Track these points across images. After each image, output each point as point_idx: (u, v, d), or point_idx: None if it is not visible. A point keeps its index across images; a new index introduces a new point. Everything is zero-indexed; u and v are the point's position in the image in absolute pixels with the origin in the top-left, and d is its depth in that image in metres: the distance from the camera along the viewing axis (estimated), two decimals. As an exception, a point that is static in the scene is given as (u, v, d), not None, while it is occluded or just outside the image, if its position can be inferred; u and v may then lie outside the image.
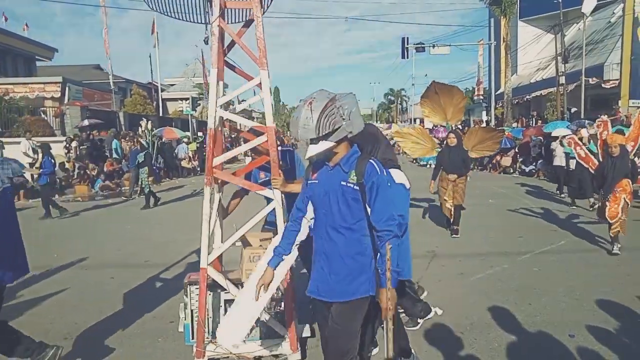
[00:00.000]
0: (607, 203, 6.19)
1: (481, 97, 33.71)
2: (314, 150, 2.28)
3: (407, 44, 30.07)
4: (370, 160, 2.36)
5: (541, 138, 16.36)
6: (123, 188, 14.89)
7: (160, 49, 29.98)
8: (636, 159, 7.47)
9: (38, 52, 27.32)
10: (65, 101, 20.18)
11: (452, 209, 7.43)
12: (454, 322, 4.13)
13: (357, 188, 2.33)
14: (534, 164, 16.37)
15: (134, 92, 31.61)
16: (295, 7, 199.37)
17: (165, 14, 3.63)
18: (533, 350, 3.63)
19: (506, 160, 17.67)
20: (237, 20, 3.85)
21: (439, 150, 7.79)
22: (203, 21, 3.70)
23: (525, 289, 4.94)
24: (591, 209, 9.01)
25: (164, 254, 6.72)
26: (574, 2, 20.51)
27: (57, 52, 28.80)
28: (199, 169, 21.55)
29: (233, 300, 3.12)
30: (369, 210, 2.33)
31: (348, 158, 2.37)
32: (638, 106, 16.92)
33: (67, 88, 20.78)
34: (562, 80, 21.65)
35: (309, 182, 2.51)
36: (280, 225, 3.26)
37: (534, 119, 24.14)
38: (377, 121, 63.07)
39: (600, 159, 6.58)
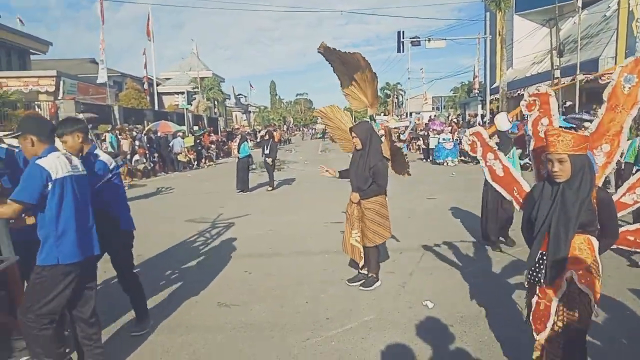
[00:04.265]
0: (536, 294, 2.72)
1: (477, 91, 33.74)
2: None
3: (403, 38, 30.13)
4: None
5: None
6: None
7: (155, 42, 29.85)
8: (614, 188, 3.78)
9: (32, 45, 27.07)
10: (60, 95, 20.07)
11: (360, 249, 4.77)
12: (444, 315, 4.18)
13: None
14: (529, 157, 16.43)
15: (128, 86, 31.46)
16: (292, 1, 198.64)
17: None
18: (522, 343, 3.66)
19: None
20: None
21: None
22: None
23: (515, 282, 4.99)
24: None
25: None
26: (569, -4, 20.55)
27: (51, 45, 28.53)
28: (195, 162, 21.54)
29: None
30: None
31: None
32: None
33: (61, 82, 20.69)
34: (557, 73, 21.70)
35: None
36: None
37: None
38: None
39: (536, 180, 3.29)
